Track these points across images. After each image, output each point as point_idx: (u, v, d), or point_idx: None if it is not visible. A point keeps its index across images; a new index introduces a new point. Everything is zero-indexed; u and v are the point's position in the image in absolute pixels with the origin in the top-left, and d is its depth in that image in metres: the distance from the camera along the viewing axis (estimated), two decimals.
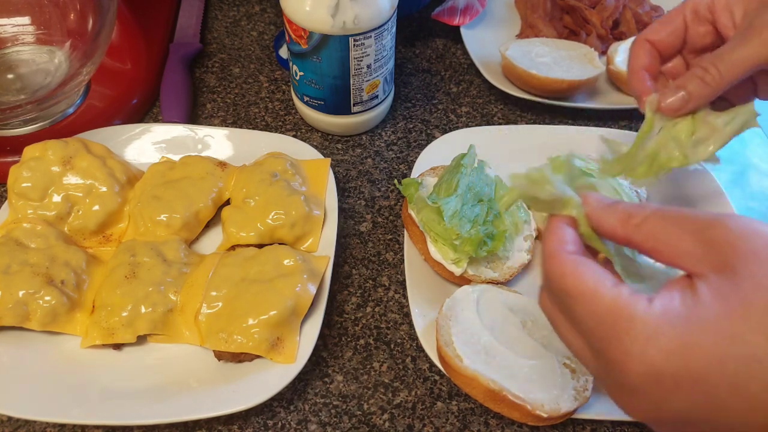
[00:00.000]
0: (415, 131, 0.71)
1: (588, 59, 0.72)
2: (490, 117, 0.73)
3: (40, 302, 0.48)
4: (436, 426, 0.48)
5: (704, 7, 0.45)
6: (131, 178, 0.59)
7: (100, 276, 0.52)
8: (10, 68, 0.67)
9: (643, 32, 0.48)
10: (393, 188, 0.65)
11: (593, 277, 0.31)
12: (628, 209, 0.33)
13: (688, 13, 0.46)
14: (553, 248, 0.33)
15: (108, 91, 0.70)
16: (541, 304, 0.36)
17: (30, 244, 0.52)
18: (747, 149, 0.72)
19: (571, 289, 0.31)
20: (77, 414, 0.45)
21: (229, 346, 0.47)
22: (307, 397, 0.50)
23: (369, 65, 0.61)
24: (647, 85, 0.47)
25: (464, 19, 0.78)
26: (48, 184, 0.55)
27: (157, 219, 0.54)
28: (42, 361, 0.48)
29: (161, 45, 0.76)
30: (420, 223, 0.53)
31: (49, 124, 0.66)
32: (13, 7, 0.67)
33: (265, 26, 0.83)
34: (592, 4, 0.78)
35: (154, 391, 0.47)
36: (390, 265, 0.58)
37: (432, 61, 0.79)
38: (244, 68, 0.77)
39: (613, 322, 0.29)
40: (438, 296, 0.51)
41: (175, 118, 0.67)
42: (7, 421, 0.48)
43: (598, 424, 0.49)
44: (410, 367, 0.52)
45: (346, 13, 0.56)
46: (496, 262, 0.54)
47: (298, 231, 0.54)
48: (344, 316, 0.55)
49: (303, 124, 0.71)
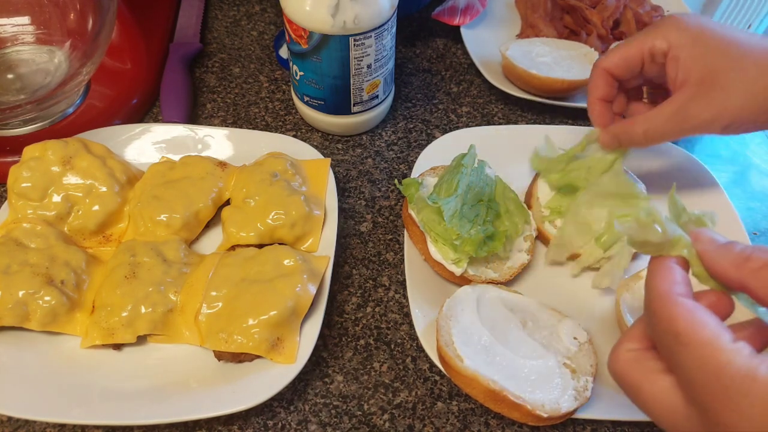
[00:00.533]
0: (415, 131, 0.70)
1: (588, 59, 0.72)
2: (490, 117, 0.73)
3: (40, 302, 0.48)
4: (436, 426, 0.48)
5: (659, 52, 0.48)
6: (131, 178, 0.59)
7: (100, 276, 0.52)
8: (10, 68, 0.67)
9: (602, 60, 0.52)
10: (393, 188, 0.65)
11: (712, 327, 0.30)
12: (745, 252, 0.31)
13: (646, 54, 0.49)
14: (666, 289, 0.32)
15: (108, 91, 0.70)
16: (614, 367, 0.35)
17: (30, 244, 0.52)
18: (747, 149, 0.72)
19: (685, 335, 0.30)
20: (77, 414, 0.45)
21: (229, 346, 0.47)
22: (307, 398, 0.50)
23: (369, 65, 0.61)
24: (602, 119, 0.54)
25: (464, 19, 0.78)
26: (48, 184, 0.55)
27: (157, 219, 0.54)
28: (42, 361, 0.48)
29: (161, 45, 0.76)
30: (420, 223, 0.53)
31: (49, 124, 0.66)
32: (13, 7, 0.67)
33: (265, 26, 0.83)
34: (593, 4, 0.78)
35: (154, 391, 0.47)
36: (390, 265, 0.58)
37: (432, 61, 0.79)
38: (244, 68, 0.77)
39: (730, 380, 0.28)
40: (438, 296, 0.51)
41: (175, 118, 0.67)
42: (7, 421, 0.48)
43: (598, 424, 0.49)
44: (410, 368, 0.52)
45: (346, 12, 0.56)
46: (496, 262, 0.54)
47: (298, 231, 0.54)
48: (344, 316, 0.55)
49: (303, 124, 0.71)
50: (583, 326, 0.49)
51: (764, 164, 0.70)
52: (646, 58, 0.50)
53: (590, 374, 0.46)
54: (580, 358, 0.47)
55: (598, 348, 0.50)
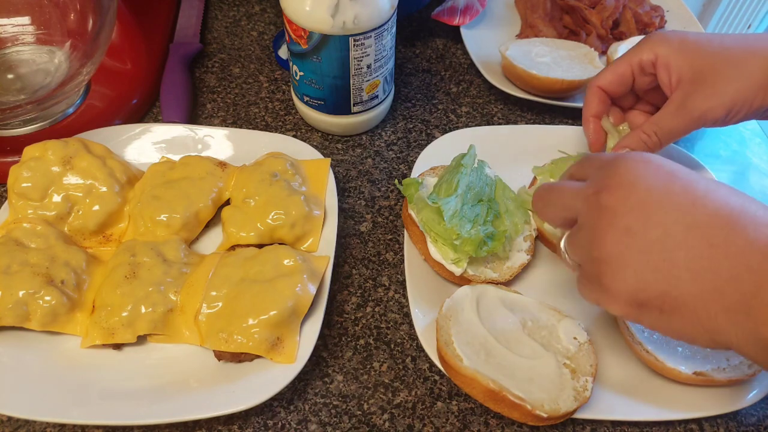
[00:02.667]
0: (415, 131, 0.71)
1: (588, 59, 0.72)
2: (490, 117, 0.73)
3: (40, 302, 0.48)
4: (436, 426, 0.48)
5: (648, 63, 0.54)
6: (131, 178, 0.59)
7: (100, 276, 0.52)
8: (10, 68, 0.67)
9: (596, 79, 0.57)
10: (393, 188, 0.65)
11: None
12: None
13: (635, 67, 0.55)
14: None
15: (108, 91, 0.70)
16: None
17: (30, 244, 0.52)
18: (747, 149, 0.72)
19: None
20: (77, 414, 0.45)
21: (229, 346, 0.47)
22: (307, 397, 0.50)
23: (369, 65, 0.61)
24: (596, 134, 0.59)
25: (464, 19, 0.78)
26: (48, 184, 0.55)
27: (157, 219, 0.54)
28: (42, 361, 0.48)
29: (161, 45, 0.76)
30: (420, 223, 0.53)
31: (49, 124, 0.66)
32: (13, 7, 0.67)
33: (265, 26, 0.83)
34: (592, 4, 0.78)
35: (154, 391, 0.47)
36: (390, 265, 0.58)
37: (432, 61, 0.79)
38: (244, 68, 0.77)
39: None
40: (438, 296, 0.51)
41: (175, 118, 0.67)
42: (7, 421, 0.48)
43: (598, 424, 0.49)
44: (410, 367, 0.52)
45: (346, 13, 0.56)
46: (496, 262, 0.54)
47: (298, 231, 0.54)
48: (344, 316, 0.55)
49: (303, 124, 0.71)
50: (583, 326, 0.49)
51: (764, 164, 0.70)
52: (636, 71, 0.55)
53: (590, 374, 0.46)
54: (580, 358, 0.47)
55: (598, 348, 0.50)
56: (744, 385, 0.48)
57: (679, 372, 0.46)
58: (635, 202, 0.38)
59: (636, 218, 0.37)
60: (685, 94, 0.52)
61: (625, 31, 0.78)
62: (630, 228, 0.37)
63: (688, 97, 0.51)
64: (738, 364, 0.47)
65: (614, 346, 0.51)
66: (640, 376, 0.49)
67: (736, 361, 0.47)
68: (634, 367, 0.50)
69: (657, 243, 0.37)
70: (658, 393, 0.48)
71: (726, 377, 0.46)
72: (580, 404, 0.44)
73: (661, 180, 0.38)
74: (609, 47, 0.76)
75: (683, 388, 0.48)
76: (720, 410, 0.47)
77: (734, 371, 0.47)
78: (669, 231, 0.37)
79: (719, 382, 0.47)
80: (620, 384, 0.49)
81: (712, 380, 0.46)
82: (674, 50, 0.52)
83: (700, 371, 0.46)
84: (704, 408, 0.47)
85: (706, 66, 0.51)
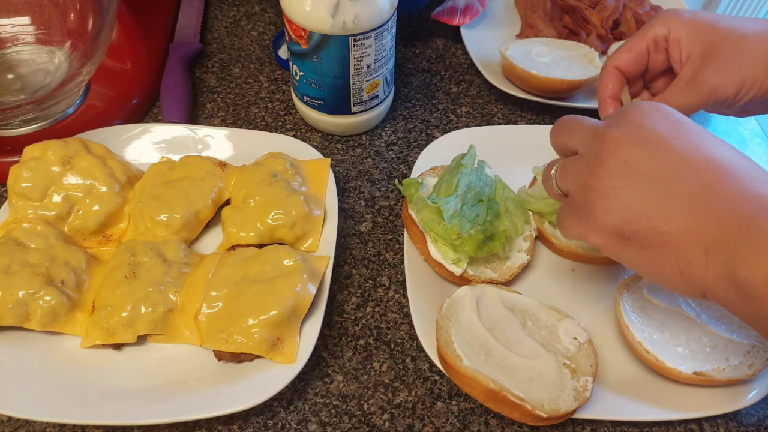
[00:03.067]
0: (415, 131, 0.71)
1: (588, 59, 0.72)
2: (490, 117, 0.73)
3: (40, 302, 0.48)
4: (436, 426, 0.48)
5: (661, 37, 0.53)
6: (131, 178, 0.59)
7: (100, 276, 0.52)
8: (10, 68, 0.67)
9: (611, 59, 0.55)
10: (393, 188, 0.65)
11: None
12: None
13: (650, 41, 0.54)
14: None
15: (108, 91, 0.70)
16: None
17: (30, 244, 0.52)
18: (747, 149, 0.72)
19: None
20: (77, 414, 0.45)
21: (229, 346, 0.47)
22: (307, 397, 0.50)
23: (369, 65, 0.61)
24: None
25: (464, 19, 0.78)
26: (48, 184, 0.55)
27: (157, 219, 0.54)
28: (42, 361, 0.48)
29: (161, 45, 0.76)
30: (420, 223, 0.53)
31: (49, 124, 0.66)
32: (13, 7, 0.67)
33: (265, 26, 0.83)
34: (592, 4, 0.78)
35: (154, 391, 0.47)
36: (390, 265, 0.58)
37: (432, 61, 0.79)
38: (244, 68, 0.77)
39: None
40: (438, 296, 0.51)
41: (175, 118, 0.67)
42: (7, 421, 0.48)
43: (598, 424, 0.49)
44: (410, 367, 0.52)
45: (346, 13, 0.56)
46: (496, 262, 0.54)
47: (298, 231, 0.54)
48: (344, 316, 0.55)
49: (303, 124, 0.71)
50: (583, 326, 0.49)
51: (764, 164, 0.70)
52: (651, 46, 0.54)
53: (590, 374, 0.46)
54: (580, 358, 0.47)
55: (598, 348, 0.50)
56: (744, 385, 0.48)
57: (679, 372, 0.46)
58: (639, 138, 0.39)
59: (637, 153, 0.39)
60: (695, 69, 0.51)
61: (625, 31, 0.78)
62: (629, 160, 0.39)
63: (699, 71, 0.51)
64: (738, 364, 0.47)
65: (614, 346, 0.51)
66: (640, 376, 0.49)
67: (736, 361, 0.47)
68: (634, 367, 0.50)
69: (652, 177, 0.38)
70: (658, 393, 0.48)
71: (726, 377, 0.46)
72: (580, 404, 0.44)
73: (670, 125, 0.40)
74: (609, 47, 0.76)
75: (683, 388, 0.48)
76: (720, 410, 0.47)
77: (734, 371, 0.47)
78: (666, 167, 0.38)
79: (719, 382, 0.47)
80: (620, 384, 0.49)
81: (712, 380, 0.46)
82: (685, 25, 0.52)
83: (700, 371, 0.46)
84: (704, 408, 0.47)
85: (718, 41, 0.51)
